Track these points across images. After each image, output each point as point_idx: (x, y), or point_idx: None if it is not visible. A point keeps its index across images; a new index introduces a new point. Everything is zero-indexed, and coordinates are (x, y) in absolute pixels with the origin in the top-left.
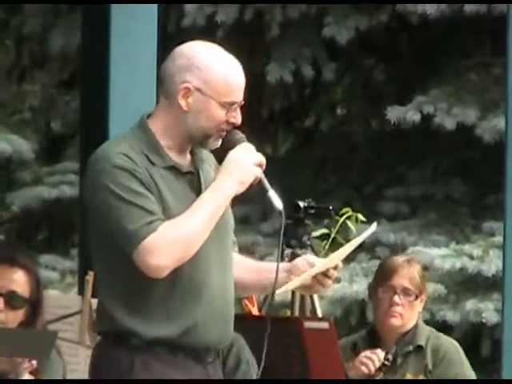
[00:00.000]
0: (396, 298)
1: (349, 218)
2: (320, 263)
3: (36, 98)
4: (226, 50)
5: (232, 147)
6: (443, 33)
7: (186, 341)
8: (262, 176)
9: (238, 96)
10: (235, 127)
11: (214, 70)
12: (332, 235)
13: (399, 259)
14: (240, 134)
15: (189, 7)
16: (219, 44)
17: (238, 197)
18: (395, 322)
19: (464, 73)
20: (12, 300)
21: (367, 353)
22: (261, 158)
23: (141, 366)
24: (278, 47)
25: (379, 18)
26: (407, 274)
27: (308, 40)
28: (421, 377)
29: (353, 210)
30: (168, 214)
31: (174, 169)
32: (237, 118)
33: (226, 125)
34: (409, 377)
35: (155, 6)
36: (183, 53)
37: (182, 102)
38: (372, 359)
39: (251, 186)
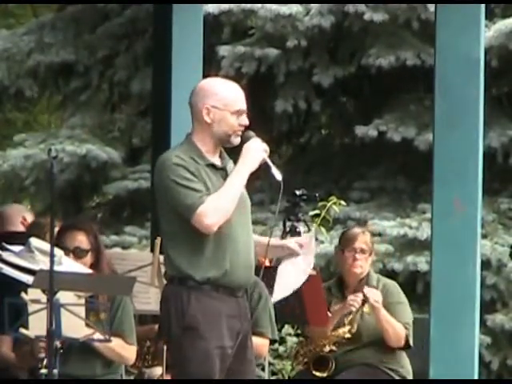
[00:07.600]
0: (357, 256)
1: (335, 203)
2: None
3: (123, 123)
4: (249, 91)
5: (247, 141)
6: (392, 78)
7: (224, 281)
8: (267, 159)
9: (242, 105)
10: (247, 128)
11: (223, 91)
12: (322, 214)
13: (357, 230)
14: (252, 133)
15: (231, 71)
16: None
17: (256, 186)
18: (357, 270)
19: (406, 104)
20: (77, 253)
21: (351, 296)
22: (265, 147)
23: (195, 299)
24: (282, 89)
25: (350, 70)
26: (363, 240)
27: (303, 84)
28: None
29: (337, 198)
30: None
31: (211, 165)
32: (245, 121)
33: (239, 127)
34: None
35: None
36: (202, 87)
37: (207, 118)
38: (356, 300)
39: (260, 166)
